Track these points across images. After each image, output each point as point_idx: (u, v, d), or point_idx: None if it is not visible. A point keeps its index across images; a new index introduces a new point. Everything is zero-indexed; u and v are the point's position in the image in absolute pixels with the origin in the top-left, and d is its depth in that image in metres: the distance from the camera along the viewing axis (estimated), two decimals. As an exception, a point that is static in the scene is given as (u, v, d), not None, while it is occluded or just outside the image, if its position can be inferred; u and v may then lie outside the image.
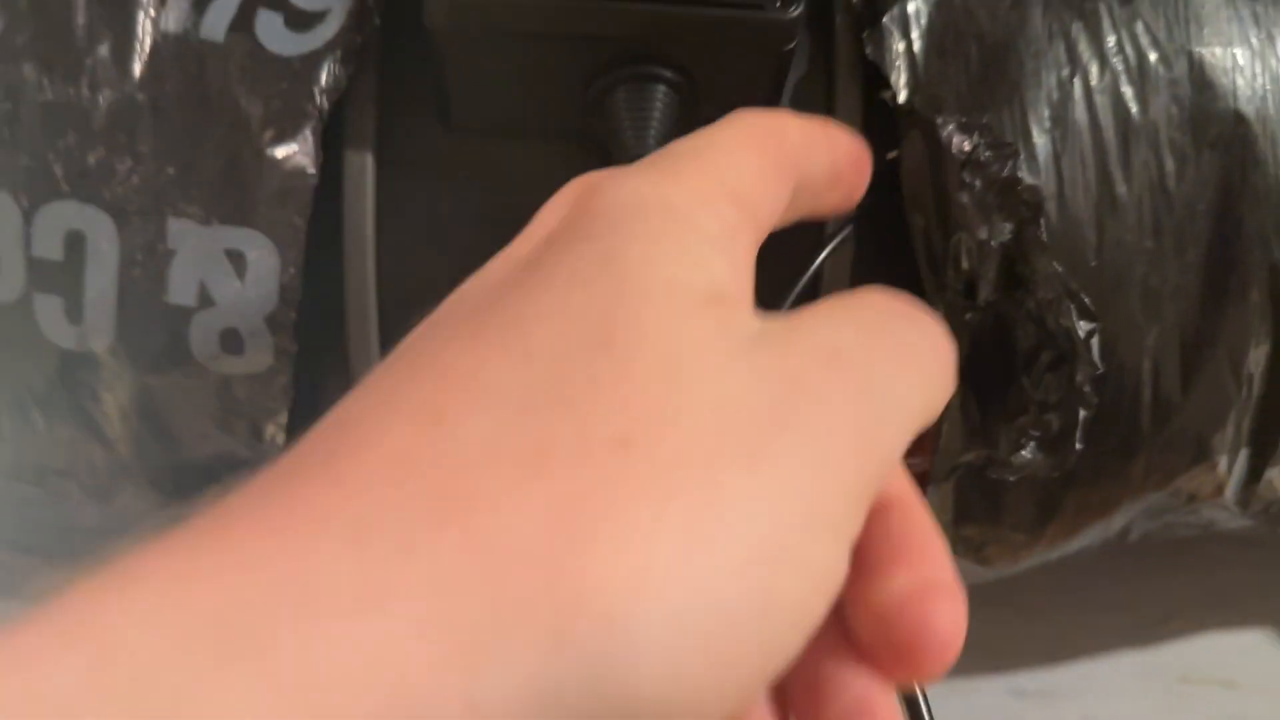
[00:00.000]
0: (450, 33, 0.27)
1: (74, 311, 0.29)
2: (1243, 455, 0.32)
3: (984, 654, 0.42)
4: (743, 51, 0.28)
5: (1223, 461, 0.32)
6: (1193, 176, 0.30)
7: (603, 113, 0.28)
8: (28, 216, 0.29)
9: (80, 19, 0.28)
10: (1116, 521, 0.34)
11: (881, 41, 0.30)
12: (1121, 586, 0.44)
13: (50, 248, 0.29)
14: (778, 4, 0.27)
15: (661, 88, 0.28)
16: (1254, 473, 0.33)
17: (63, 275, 0.29)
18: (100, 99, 0.28)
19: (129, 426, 0.31)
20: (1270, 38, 0.30)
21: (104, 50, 0.28)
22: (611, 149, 0.28)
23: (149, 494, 0.33)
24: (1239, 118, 0.30)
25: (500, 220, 0.30)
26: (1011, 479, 0.29)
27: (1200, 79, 0.30)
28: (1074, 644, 0.44)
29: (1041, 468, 0.29)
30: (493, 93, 0.29)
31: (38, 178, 0.28)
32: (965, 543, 0.33)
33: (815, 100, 0.31)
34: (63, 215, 0.28)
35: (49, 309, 0.29)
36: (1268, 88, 0.30)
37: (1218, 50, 0.30)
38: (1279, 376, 0.31)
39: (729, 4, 0.27)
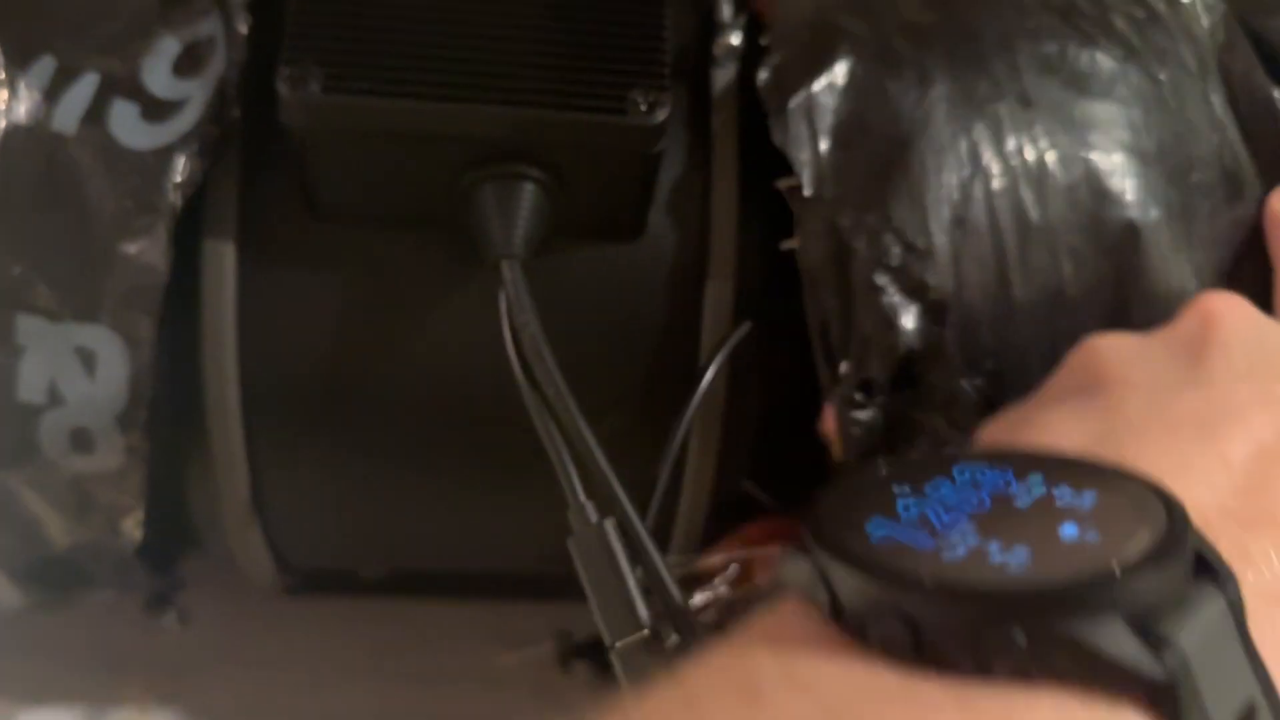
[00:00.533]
0: (310, 131, 0.26)
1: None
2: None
3: None
4: (609, 154, 0.27)
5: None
6: (1088, 280, 0.29)
7: (470, 207, 0.27)
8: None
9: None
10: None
11: (787, 128, 0.29)
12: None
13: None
14: (643, 109, 0.26)
15: (529, 185, 0.27)
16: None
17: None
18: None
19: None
20: (1160, 147, 0.29)
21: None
22: (478, 243, 0.27)
23: (11, 587, 0.31)
24: (1132, 224, 0.29)
25: (368, 308, 0.30)
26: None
27: (1096, 184, 0.29)
28: None
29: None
30: (357, 185, 0.28)
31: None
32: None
33: (692, 196, 0.30)
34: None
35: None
36: (1160, 195, 0.29)
37: (1112, 156, 0.29)
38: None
39: (593, 109, 0.26)
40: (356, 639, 0.42)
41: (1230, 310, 0.24)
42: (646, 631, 0.23)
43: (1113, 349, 0.24)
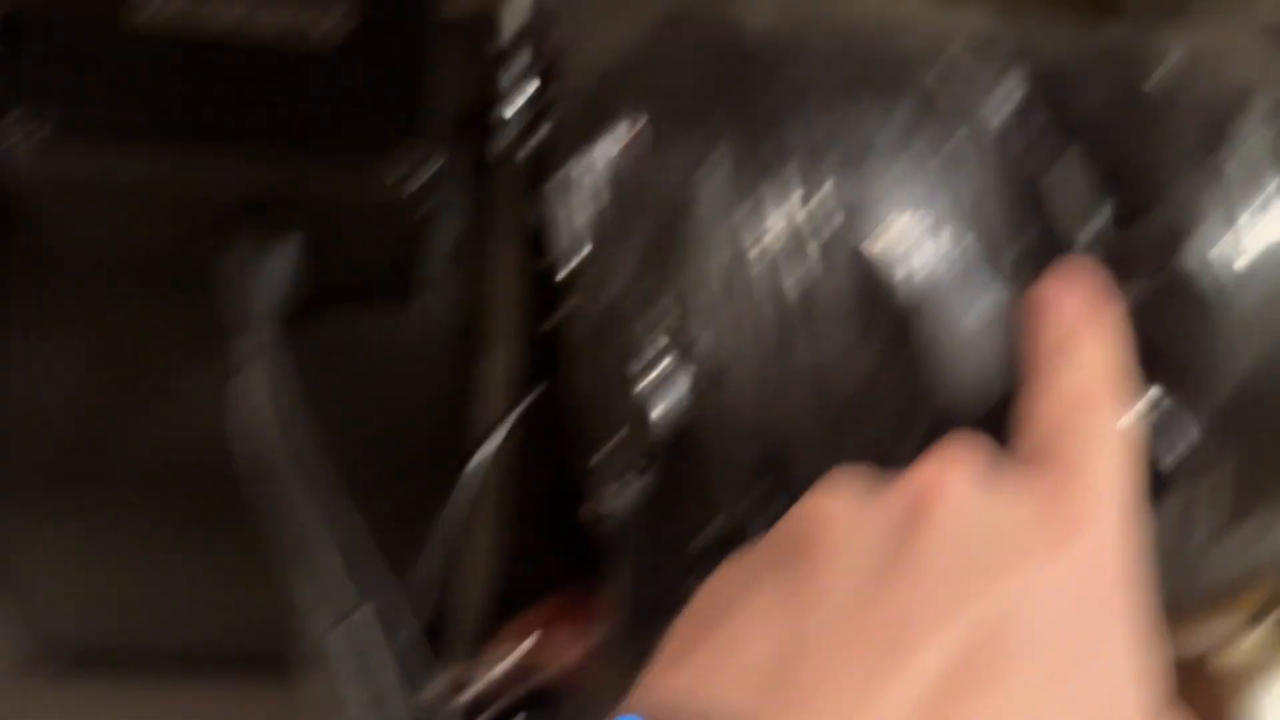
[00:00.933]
0: (38, 184, 0.24)
1: None
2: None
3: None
4: (368, 215, 0.26)
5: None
6: (863, 355, 0.29)
7: (217, 269, 0.26)
8: None
9: None
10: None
11: (550, 203, 0.28)
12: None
13: None
14: (403, 169, 0.26)
15: (283, 247, 0.26)
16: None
17: None
18: None
19: None
20: (944, 219, 0.30)
21: None
22: (224, 307, 0.26)
23: None
24: (910, 297, 0.29)
25: (109, 374, 0.28)
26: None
27: (874, 258, 0.29)
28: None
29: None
30: (96, 243, 0.27)
31: None
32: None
33: (471, 262, 0.30)
34: None
35: None
36: (940, 268, 0.30)
37: (892, 229, 0.29)
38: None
39: (345, 167, 0.26)
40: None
41: (954, 481, 0.24)
42: None
43: (828, 518, 0.24)
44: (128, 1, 0.25)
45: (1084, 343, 0.28)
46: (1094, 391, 0.27)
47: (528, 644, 0.31)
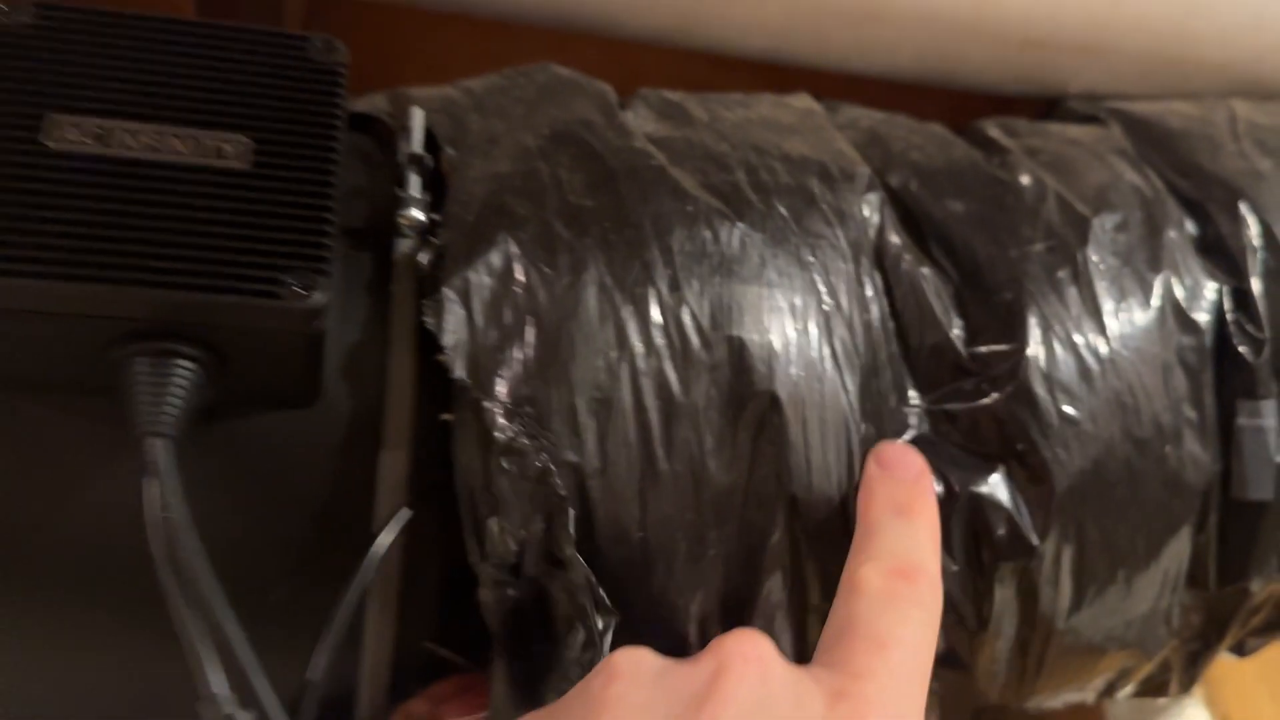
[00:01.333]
0: None
1: None
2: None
3: None
4: (266, 334, 0.28)
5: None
6: (730, 453, 0.31)
7: (119, 382, 0.27)
8: None
9: None
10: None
11: (440, 312, 0.30)
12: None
13: None
14: (299, 291, 0.27)
15: (183, 363, 0.27)
16: None
17: None
18: None
19: None
20: (805, 329, 0.32)
21: None
22: (127, 418, 0.27)
23: None
24: (773, 400, 0.31)
25: (12, 474, 0.29)
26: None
27: (739, 363, 0.31)
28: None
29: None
30: (6, 356, 0.28)
31: None
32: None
33: (370, 365, 0.31)
34: None
35: None
36: (800, 374, 0.32)
37: (755, 337, 0.32)
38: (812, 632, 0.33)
39: (246, 292, 0.27)
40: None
41: (745, 665, 0.27)
42: None
43: (622, 689, 0.26)
44: (44, 129, 0.27)
45: (913, 519, 0.31)
46: (908, 573, 0.30)
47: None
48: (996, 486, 0.33)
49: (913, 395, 0.34)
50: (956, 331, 0.34)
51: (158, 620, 0.30)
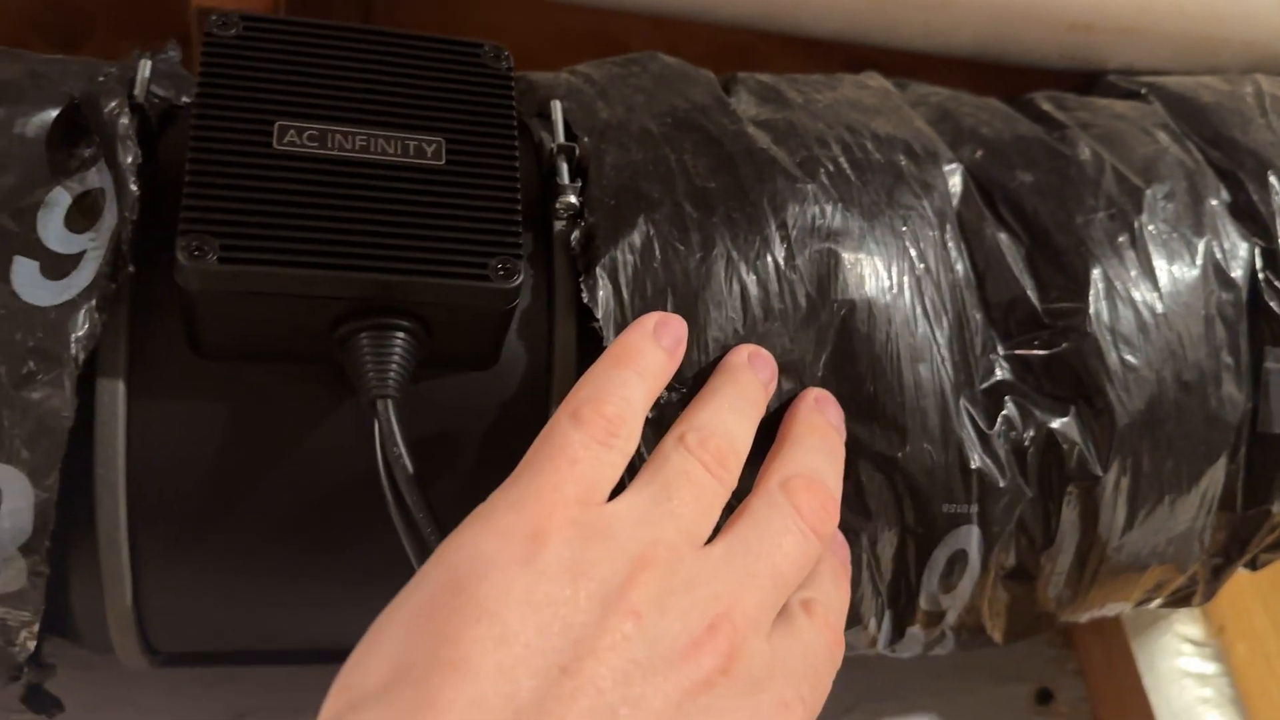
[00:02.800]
0: (204, 293, 0.30)
1: None
2: (887, 616, 0.39)
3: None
4: (471, 311, 0.32)
5: (872, 623, 0.39)
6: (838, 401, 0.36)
7: (347, 352, 0.31)
8: None
9: None
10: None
11: (593, 288, 0.35)
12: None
13: None
14: (501, 274, 0.32)
15: (400, 335, 0.32)
16: (898, 630, 0.40)
17: None
18: None
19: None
20: (901, 290, 0.37)
21: None
22: (355, 385, 0.32)
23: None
24: (872, 358, 0.36)
25: (246, 437, 0.34)
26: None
27: (845, 323, 0.36)
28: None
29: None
30: (242, 332, 0.32)
31: None
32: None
33: (539, 330, 0.36)
34: None
35: None
36: (898, 330, 0.37)
37: (859, 299, 0.36)
38: (905, 554, 0.38)
39: (457, 275, 0.31)
40: (216, 702, 0.46)
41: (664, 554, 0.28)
42: None
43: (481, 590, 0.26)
44: (274, 134, 0.31)
45: (829, 449, 0.34)
46: (811, 486, 0.32)
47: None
48: (1067, 424, 0.38)
49: (995, 345, 0.39)
50: (1030, 289, 0.39)
51: (366, 561, 0.35)
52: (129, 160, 0.32)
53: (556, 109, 0.38)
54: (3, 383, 0.30)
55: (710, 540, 0.29)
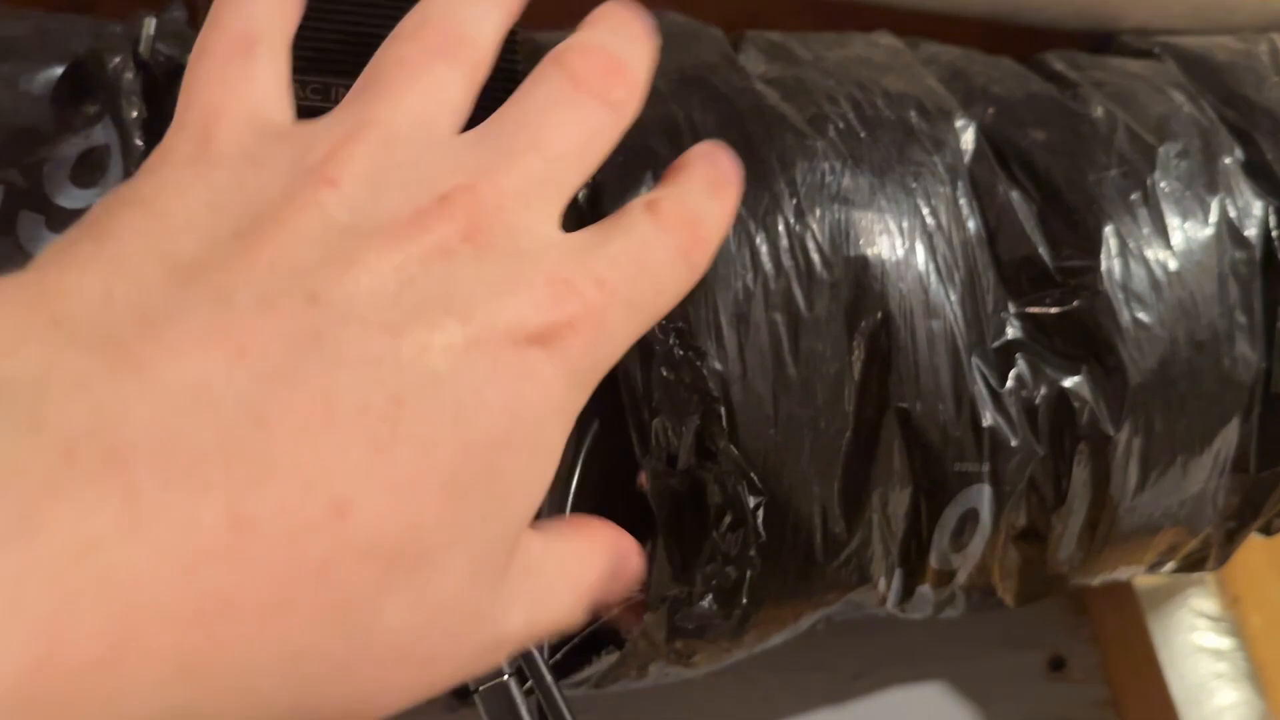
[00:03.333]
0: None
1: None
2: (897, 575, 0.39)
3: (685, 713, 0.49)
4: None
5: (882, 582, 0.39)
6: (847, 360, 0.36)
7: None
8: None
9: None
10: (804, 624, 0.40)
11: None
12: (819, 649, 0.51)
13: None
14: None
15: None
16: (908, 589, 0.40)
17: None
18: None
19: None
20: (912, 247, 0.37)
21: None
22: None
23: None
24: (886, 312, 0.36)
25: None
26: (692, 626, 0.35)
27: (856, 281, 0.36)
28: (776, 702, 0.51)
29: (716, 617, 0.35)
30: None
31: None
32: (675, 653, 0.38)
33: None
34: None
35: None
36: (909, 288, 0.37)
37: (870, 257, 0.36)
38: (917, 512, 0.38)
39: None
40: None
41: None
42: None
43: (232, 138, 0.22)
44: None
45: (717, 194, 0.27)
46: (691, 224, 0.26)
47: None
48: (1079, 382, 0.38)
49: (1006, 303, 0.39)
50: (1042, 247, 0.39)
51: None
52: (133, 115, 0.32)
53: None
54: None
55: None
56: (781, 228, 0.36)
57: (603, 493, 0.37)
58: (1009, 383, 0.38)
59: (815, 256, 0.36)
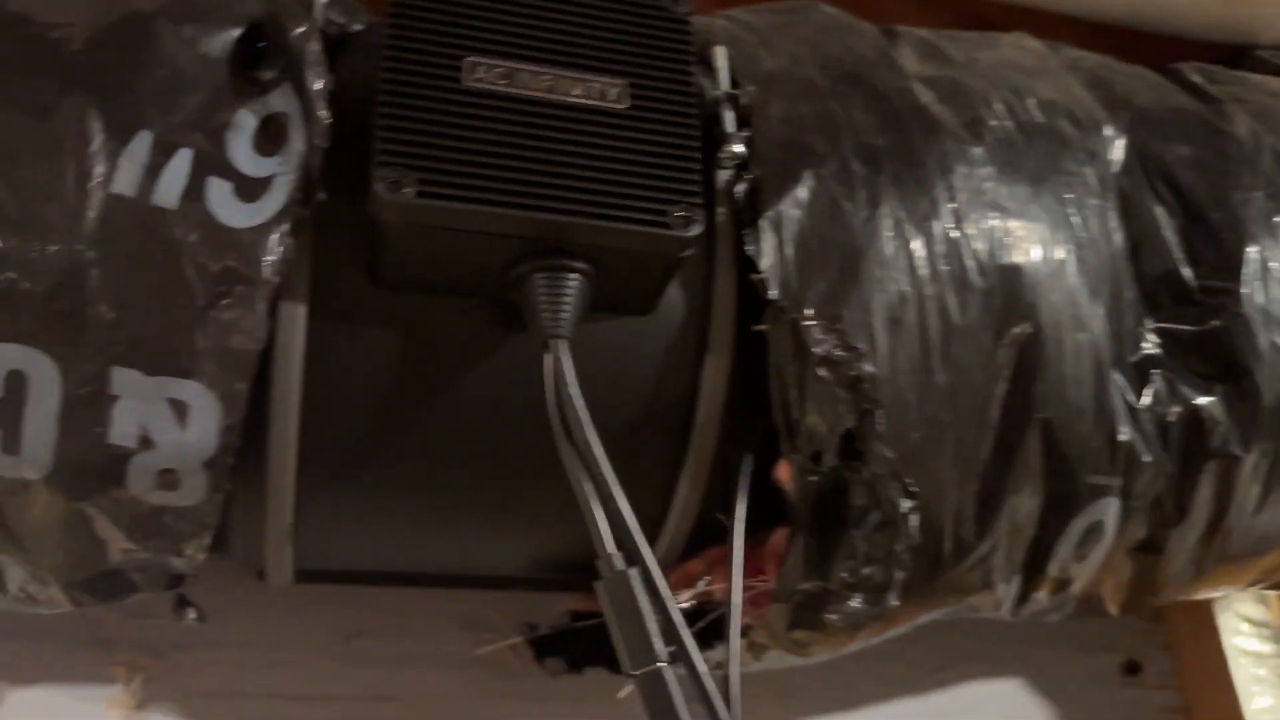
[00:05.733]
0: (396, 225, 0.30)
1: (11, 444, 0.31)
2: (1016, 581, 0.40)
3: (777, 694, 0.50)
4: (648, 257, 0.32)
5: (1001, 587, 0.39)
6: (992, 369, 0.36)
7: (523, 291, 0.32)
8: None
9: (32, 174, 0.30)
10: (919, 622, 0.41)
11: (758, 240, 0.35)
12: (901, 641, 0.52)
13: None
14: (680, 220, 0.32)
15: (575, 277, 0.32)
16: (1024, 596, 0.40)
17: (3, 411, 0.30)
18: (49, 252, 0.30)
19: (50, 540, 0.33)
20: (1064, 260, 0.37)
21: (55, 208, 0.30)
22: (529, 322, 0.32)
23: (62, 597, 0.35)
24: (1035, 324, 0.36)
25: (417, 366, 0.34)
26: (843, 622, 0.36)
27: (1008, 290, 0.36)
28: (861, 690, 0.51)
29: (865, 615, 0.36)
30: (423, 265, 0.32)
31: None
32: (793, 643, 0.39)
33: (696, 279, 0.36)
34: (5, 357, 0.30)
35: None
36: (1059, 300, 0.37)
37: (1023, 266, 0.36)
38: (1046, 522, 0.38)
39: (639, 221, 0.31)
40: (327, 620, 0.47)
41: None
42: (661, 664, 0.28)
43: None
44: (463, 71, 0.31)
45: None
46: None
47: (707, 578, 0.39)
48: (1213, 402, 0.38)
49: (1146, 318, 0.39)
50: (1183, 264, 0.39)
51: (522, 495, 0.35)
52: (319, 86, 0.32)
53: (721, 55, 0.38)
54: (197, 303, 0.30)
55: None
56: (939, 233, 0.36)
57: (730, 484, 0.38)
58: (1145, 399, 0.38)
59: (970, 264, 0.36)
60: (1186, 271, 0.39)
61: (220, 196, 0.31)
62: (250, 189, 0.31)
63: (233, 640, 0.45)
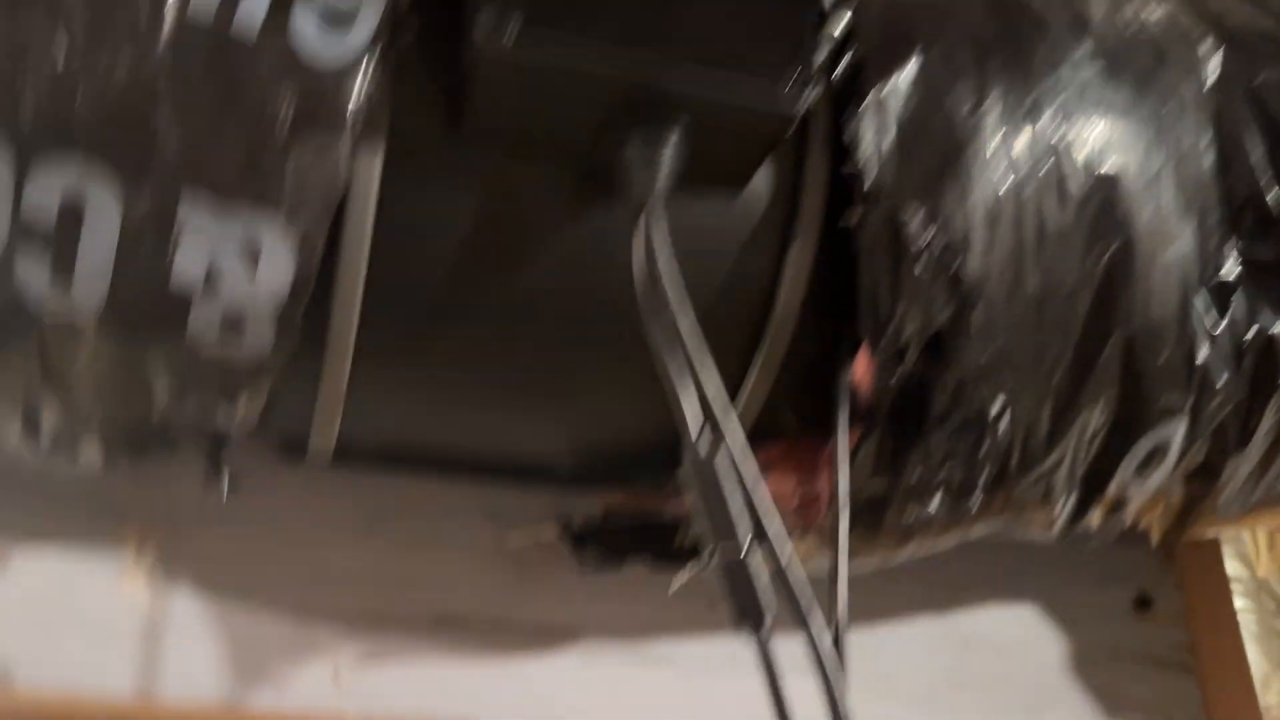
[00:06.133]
0: (497, 68, 0.28)
1: (62, 278, 0.28)
2: (1073, 498, 0.39)
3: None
4: (754, 121, 0.30)
5: (1059, 503, 0.39)
6: (1082, 278, 0.35)
7: (619, 149, 0.30)
8: (22, 169, 0.28)
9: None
10: (972, 535, 0.40)
11: (858, 125, 0.33)
12: (924, 562, 0.51)
13: (44, 207, 0.28)
14: (794, 83, 0.30)
15: (675, 136, 0.30)
16: (1079, 514, 0.40)
17: (55, 240, 0.28)
18: (117, 72, 0.27)
19: (95, 386, 0.31)
20: (1159, 173, 0.36)
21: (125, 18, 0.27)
22: (620, 185, 0.30)
23: (97, 450, 0.33)
24: (1126, 239, 0.35)
25: (495, 237, 0.32)
26: (914, 523, 0.35)
27: (1104, 200, 0.35)
28: (880, 602, 0.51)
29: (944, 518, 0.35)
30: (515, 114, 0.30)
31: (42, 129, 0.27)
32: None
33: (786, 161, 0.34)
34: (62, 170, 0.27)
35: (33, 271, 0.28)
36: (1152, 215, 0.36)
37: (1120, 177, 0.35)
38: (1112, 439, 0.38)
39: (756, 74, 0.29)
40: (349, 503, 0.45)
41: None
42: (744, 552, 0.28)
43: None
44: None
45: None
46: None
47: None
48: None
49: (1229, 241, 0.38)
50: (1268, 188, 0.38)
51: (597, 372, 0.34)
52: None
53: None
54: (279, 140, 0.28)
55: None
56: (1041, 132, 0.35)
57: (806, 379, 0.36)
58: (1224, 321, 0.37)
59: (1069, 169, 0.35)
60: (1270, 196, 0.38)
61: (304, 27, 0.28)
62: (335, 20, 0.29)
63: (251, 519, 0.43)
